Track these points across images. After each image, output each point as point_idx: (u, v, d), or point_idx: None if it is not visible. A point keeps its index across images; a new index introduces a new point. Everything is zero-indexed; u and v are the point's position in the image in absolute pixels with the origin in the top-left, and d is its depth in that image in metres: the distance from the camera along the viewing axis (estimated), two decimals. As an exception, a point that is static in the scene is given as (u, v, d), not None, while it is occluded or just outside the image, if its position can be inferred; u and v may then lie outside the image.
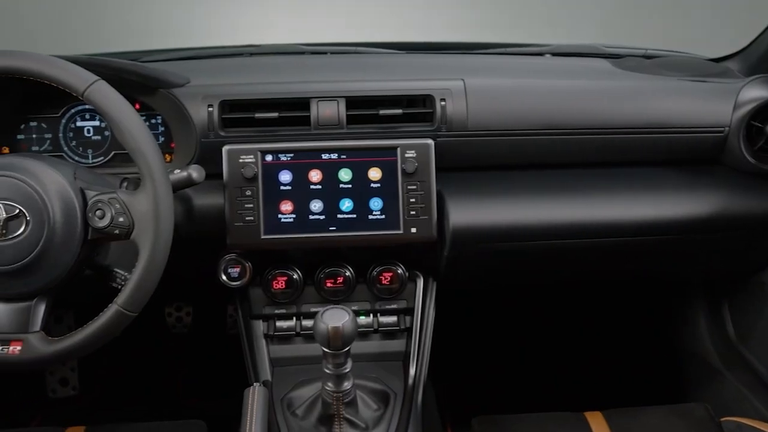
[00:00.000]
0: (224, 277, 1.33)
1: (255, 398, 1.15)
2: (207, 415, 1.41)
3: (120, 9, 2.56)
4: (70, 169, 1.14)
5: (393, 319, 1.39)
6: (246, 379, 1.67)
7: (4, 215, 1.06)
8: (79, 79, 1.08)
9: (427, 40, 1.90)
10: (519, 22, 2.36)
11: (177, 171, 1.19)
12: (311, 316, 1.38)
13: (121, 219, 1.09)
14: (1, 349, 1.09)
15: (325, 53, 1.65)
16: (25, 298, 1.11)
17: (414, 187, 1.29)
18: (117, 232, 1.10)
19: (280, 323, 1.38)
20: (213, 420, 1.39)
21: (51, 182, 1.09)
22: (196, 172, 1.19)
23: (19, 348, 1.09)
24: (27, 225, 1.07)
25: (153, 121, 1.37)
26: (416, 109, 1.34)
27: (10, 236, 1.06)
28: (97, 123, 1.40)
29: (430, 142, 1.30)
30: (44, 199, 1.07)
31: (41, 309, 1.12)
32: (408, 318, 1.40)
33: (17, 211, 1.06)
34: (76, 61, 1.12)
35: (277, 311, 1.38)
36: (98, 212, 1.10)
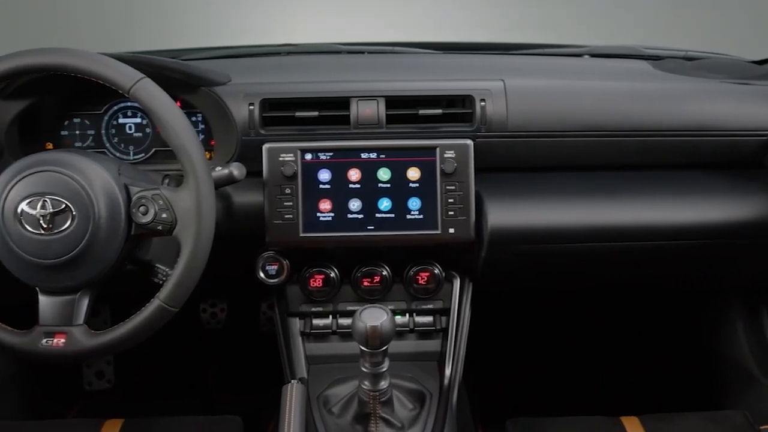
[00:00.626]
0: (262, 275, 1.34)
1: (293, 395, 1.16)
2: (239, 410, 1.42)
3: (153, 8, 2.58)
4: (115, 165, 1.16)
5: (429, 319, 1.39)
6: (280, 376, 1.68)
7: (51, 210, 1.08)
8: (125, 76, 1.10)
9: (463, 41, 1.90)
10: (556, 22, 2.35)
11: (218, 168, 1.20)
12: (347, 314, 1.38)
13: (164, 215, 1.11)
14: (46, 342, 1.11)
15: (362, 53, 1.66)
16: (69, 291, 1.13)
17: (453, 187, 1.29)
18: (160, 228, 1.11)
19: (316, 321, 1.39)
20: (245, 416, 1.40)
21: (96, 178, 1.10)
22: (237, 170, 1.20)
23: (63, 341, 1.11)
24: (73, 220, 1.08)
25: (193, 118, 1.39)
26: (456, 110, 1.34)
27: (57, 231, 1.08)
28: (138, 120, 1.42)
29: (470, 142, 1.29)
30: (90, 195, 1.09)
31: (85, 303, 1.14)
32: (444, 318, 1.40)
33: (63, 206, 1.08)
34: (121, 58, 1.14)
35: (313, 309, 1.39)
36: (142, 208, 1.11)
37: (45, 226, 1.08)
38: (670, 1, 2.36)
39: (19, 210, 1.08)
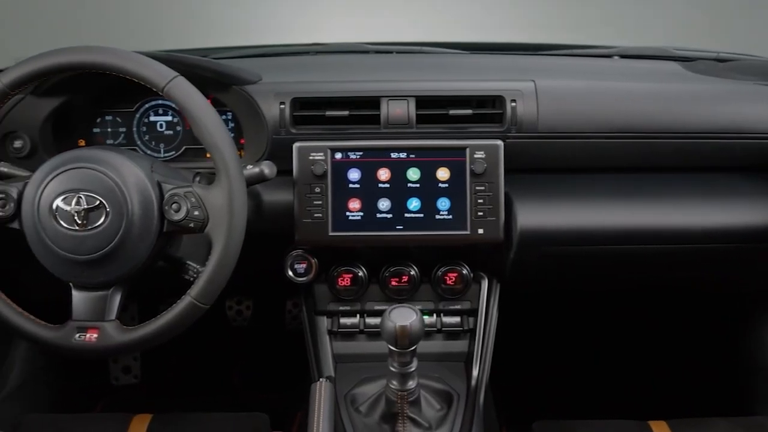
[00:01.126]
0: (290, 273, 1.34)
1: (322, 393, 1.16)
2: (263, 407, 1.42)
3: (176, 7, 2.60)
4: (148, 162, 1.17)
5: (456, 319, 1.39)
6: (304, 374, 1.68)
7: (86, 206, 1.09)
8: (160, 75, 1.11)
9: (490, 41, 1.89)
10: (581, 22, 2.33)
11: (249, 167, 1.20)
12: (375, 313, 1.39)
13: (196, 212, 1.11)
14: (78, 336, 1.13)
15: (390, 52, 1.66)
16: (102, 287, 1.14)
17: (482, 188, 1.28)
18: (192, 225, 1.12)
19: (344, 320, 1.39)
20: (270, 413, 1.41)
21: (130, 175, 1.11)
22: (268, 169, 1.20)
23: (95, 336, 1.12)
24: (107, 216, 1.09)
25: (224, 117, 1.40)
26: (486, 110, 1.33)
27: (91, 227, 1.09)
28: (169, 118, 1.43)
29: (500, 143, 1.29)
30: (124, 192, 1.10)
31: (117, 298, 1.15)
32: (471, 319, 1.39)
33: (98, 202, 1.09)
34: (155, 57, 1.15)
35: (341, 308, 1.39)
36: (174, 205, 1.12)
37: (79, 222, 1.09)
38: (700, 2, 2.34)
39: (54, 206, 1.09)
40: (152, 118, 1.43)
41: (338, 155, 1.29)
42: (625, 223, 1.34)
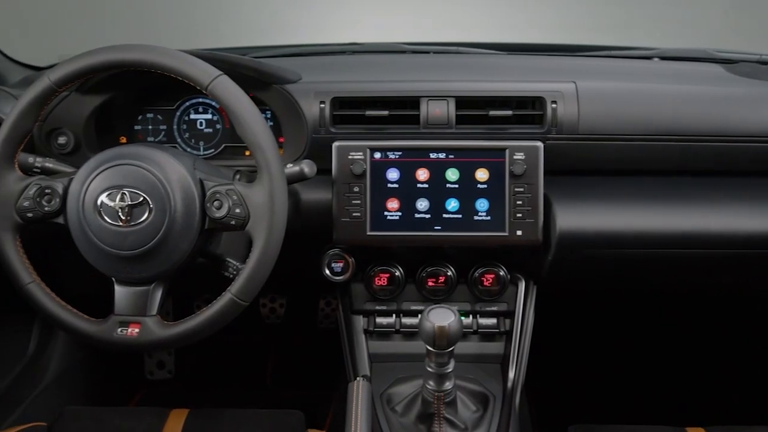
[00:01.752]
0: (327, 272, 1.35)
1: (359, 392, 1.16)
2: (295, 404, 1.43)
3: (204, 7, 2.62)
4: (190, 160, 1.18)
5: (492, 321, 1.39)
6: (336, 373, 1.69)
7: (130, 202, 1.10)
8: (204, 73, 1.12)
9: (526, 41, 1.88)
10: (620, 24, 2.31)
11: (289, 165, 1.21)
12: (411, 313, 1.39)
13: (237, 210, 1.12)
14: (120, 331, 1.14)
15: (427, 53, 1.66)
16: (144, 282, 1.15)
17: (521, 189, 1.28)
18: (233, 222, 1.13)
19: (380, 319, 1.39)
20: (301, 410, 1.41)
21: (173, 172, 1.12)
22: (308, 167, 1.21)
23: (137, 330, 1.14)
24: (150, 212, 1.11)
25: (263, 115, 1.40)
26: (526, 111, 1.33)
27: (134, 223, 1.11)
28: (209, 116, 1.45)
29: (540, 144, 1.28)
30: (167, 188, 1.11)
31: (158, 294, 1.17)
32: (507, 321, 1.39)
33: (141, 198, 1.10)
34: (198, 55, 1.16)
35: (377, 307, 1.39)
36: (216, 203, 1.13)
37: (123, 218, 1.10)
38: (742, 3, 2.30)
39: (98, 202, 1.11)
40: (192, 116, 1.45)
41: (377, 155, 1.29)
42: (665, 227, 1.32)
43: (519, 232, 1.28)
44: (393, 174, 1.29)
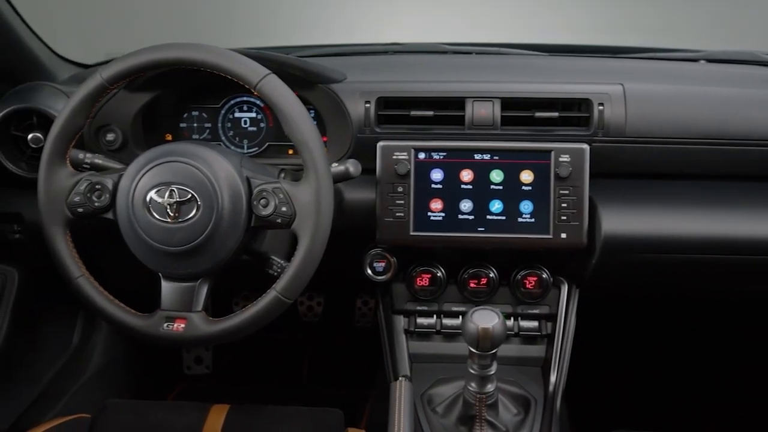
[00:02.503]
0: (369, 271, 1.35)
1: (402, 392, 1.16)
2: (330, 402, 1.43)
3: (239, 6, 2.64)
4: (237, 158, 1.19)
5: (534, 324, 1.38)
6: (373, 372, 1.69)
7: (178, 199, 1.11)
8: (253, 72, 1.12)
9: (568, 43, 1.86)
10: (660, 25, 2.28)
11: (335, 164, 1.21)
12: (452, 314, 1.39)
13: (283, 208, 1.13)
14: (167, 326, 1.15)
15: (469, 53, 1.65)
16: (190, 278, 1.16)
17: (566, 191, 1.27)
18: (279, 220, 1.13)
19: (420, 320, 1.39)
20: (338, 408, 1.41)
21: (221, 170, 1.13)
22: (353, 167, 1.21)
23: (183, 326, 1.15)
24: (198, 209, 1.12)
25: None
26: (572, 113, 1.32)
27: (182, 219, 1.12)
28: (253, 114, 1.46)
29: (586, 146, 1.27)
30: (215, 186, 1.12)
31: (204, 290, 1.17)
32: (549, 324, 1.38)
33: (190, 195, 1.11)
34: (246, 54, 1.17)
35: (418, 308, 1.39)
36: (262, 201, 1.14)
37: (171, 214, 1.11)
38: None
39: (147, 198, 1.12)
40: (237, 115, 1.46)
41: (422, 155, 1.29)
42: (712, 232, 1.30)
43: (563, 235, 1.27)
44: (437, 174, 1.29)
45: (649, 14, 2.31)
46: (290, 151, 1.45)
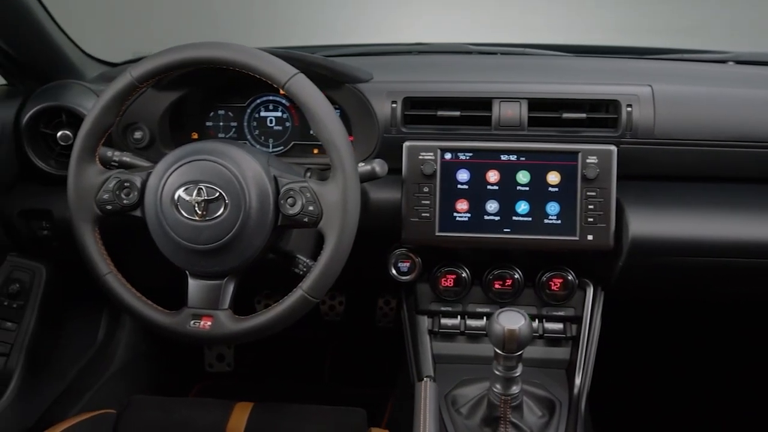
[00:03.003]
0: (394, 271, 1.35)
1: (427, 392, 1.16)
2: (353, 401, 1.43)
3: (262, 6, 2.65)
4: (265, 157, 1.19)
5: (559, 326, 1.37)
6: (394, 372, 1.69)
7: (206, 197, 1.12)
8: (282, 71, 1.12)
9: (594, 44, 1.85)
10: (685, 25, 2.26)
11: (361, 164, 1.21)
12: (476, 315, 1.38)
13: (310, 207, 1.13)
14: (193, 323, 1.15)
15: (494, 53, 1.64)
16: (217, 276, 1.17)
17: (593, 193, 1.26)
18: (306, 220, 1.13)
19: (444, 320, 1.39)
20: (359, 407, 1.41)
21: (249, 168, 1.13)
22: (379, 167, 1.21)
23: (209, 323, 1.15)
24: (225, 208, 1.12)
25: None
26: (600, 114, 1.31)
27: (210, 217, 1.12)
28: (279, 114, 1.46)
29: (613, 148, 1.26)
30: (242, 184, 1.12)
31: (230, 288, 1.18)
32: (574, 326, 1.37)
33: (217, 194, 1.12)
34: (274, 54, 1.17)
35: (443, 308, 1.39)
36: (290, 200, 1.14)
37: (199, 212, 1.12)
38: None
39: (176, 196, 1.13)
40: (263, 114, 1.46)
41: (448, 155, 1.29)
42: (741, 236, 1.29)
43: (590, 237, 1.26)
44: (463, 175, 1.29)
45: (675, 15, 2.29)
46: (315, 151, 1.46)
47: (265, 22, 2.59)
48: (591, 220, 1.26)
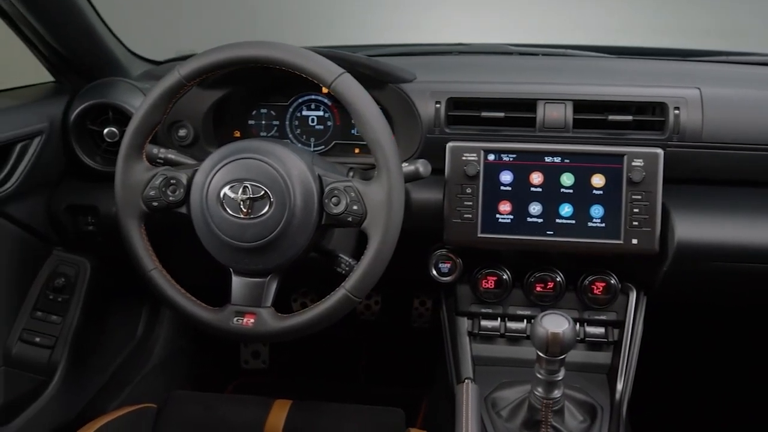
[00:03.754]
0: (434, 272, 1.34)
1: (469, 394, 1.15)
2: (388, 401, 1.43)
3: (299, 5, 2.66)
4: (309, 156, 1.20)
5: (601, 330, 1.36)
6: (429, 372, 1.69)
7: (251, 195, 1.12)
8: (328, 71, 1.13)
9: (637, 45, 1.83)
10: (729, 27, 2.22)
11: (405, 164, 1.21)
12: (517, 318, 1.37)
13: (355, 207, 1.13)
14: (236, 320, 1.16)
15: (535, 54, 1.63)
16: (261, 274, 1.17)
17: (639, 197, 1.24)
18: (350, 219, 1.13)
19: (484, 322, 1.38)
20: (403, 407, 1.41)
21: (294, 167, 1.14)
22: (423, 167, 1.20)
23: (252, 321, 1.16)
24: (270, 206, 1.12)
25: None
26: (646, 117, 1.29)
27: (255, 215, 1.13)
28: (320, 113, 1.47)
29: (660, 151, 1.25)
30: (287, 183, 1.12)
31: (273, 286, 1.18)
32: (616, 331, 1.36)
33: (263, 192, 1.12)
34: (320, 53, 1.17)
35: (483, 310, 1.38)
36: (334, 199, 1.14)
37: (244, 210, 1.12)
38: None
39: (221, 194, 1.13)
40: (304, 113, 1.47)
41: (491, 156, 1.28)
42: None
43: (634, 241, 1.25)
44: (506, 176, 1.28)
45: (718, 16, 2.25)
46: (356, 150, 1.46)
47: (299, 21, 2.60)
48: (636, 223, 1.24)
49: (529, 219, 1.28)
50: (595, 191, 1.26)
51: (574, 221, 1.27)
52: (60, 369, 1.47)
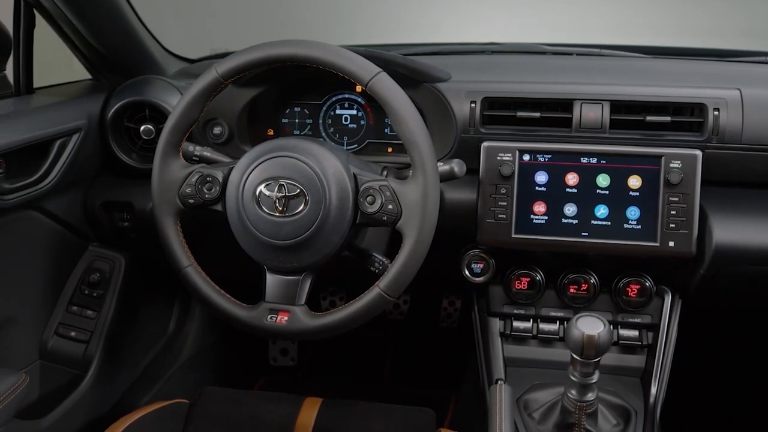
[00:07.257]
0: (467, 272, 1.34)
1: (502, 396, 1.15)
2: (415, 401, 1.43)
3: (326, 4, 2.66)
4: (344, 155, 1.20)
5: (635, 333, 1.34)
6: (457, 373, 1.68)
7: (287, 193, 1.13)
8: (365, 70, 1.12)
9: (672, 45, 1.80)
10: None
11: (440, 164, 1.21)
12: (549, 320, 1.36)
13: (390, 206, 1.12)
14: (270, 318, 1.17)
15: (570, 54, 1.62)
16: (295, 272, 1.18)
17: (676, 199, 1.23)
18: (385, 218, 1.13)
19: (517, 323, 1.37)
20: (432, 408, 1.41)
21: (329, 166, 1.14)
22: (458, 167, 1.20)
23: (286, 318, 1.16)
24: (306, 204, 1.12)
25: None
26: (685, 118, 1.27)
27: (290, 214, 1.13)
28: (354, 112, 1.47)
29: (698, 153, 1.23)
30: (323, 181, 1.12)
31: (307, 284, 1.19)
32: (650, 334, 1.34)
33: (298, 190, 1.12)
34: (357, 52, 1.17)
35: (515, 311, 1.37)
36: (369, 198, 1.14)
37: (280, 208, 1.13)
38: None
39: (257, 192, 1.14)
40: (338, 112, 1.47)
41: (526, 157, 1.27)
42: None
43: (671, 243, 1.23)
44: (541, 177, 1.27)
45: (754, 17, 2.22)
46: (390, 149, 1.46)
47: (325, 20, 2.60)
48: (673, 226, 1.23)
49: (563, 220, 1.27)
50: (631, 193, 1.25)
51: (609, 223, 1.25)
52: (94, 363, 1.49)
